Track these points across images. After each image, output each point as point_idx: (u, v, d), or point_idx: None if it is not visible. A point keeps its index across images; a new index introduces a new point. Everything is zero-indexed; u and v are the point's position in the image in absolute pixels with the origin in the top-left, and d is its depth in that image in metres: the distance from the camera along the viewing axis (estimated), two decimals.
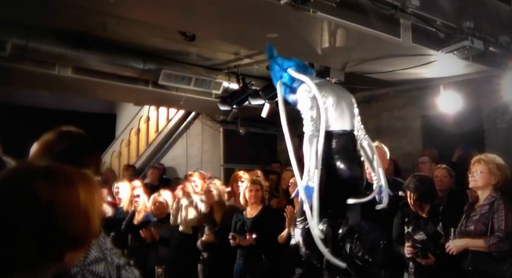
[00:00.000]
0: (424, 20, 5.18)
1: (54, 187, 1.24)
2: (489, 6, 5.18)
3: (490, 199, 3.95)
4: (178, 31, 5.43)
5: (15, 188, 1.22)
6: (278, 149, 10.31)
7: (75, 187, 1.28)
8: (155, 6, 4.37)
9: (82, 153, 2.04)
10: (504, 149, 6.33)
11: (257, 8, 4.36)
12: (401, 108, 8.03)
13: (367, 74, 6.36)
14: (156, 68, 6.85)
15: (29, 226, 1.19)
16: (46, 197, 1.21)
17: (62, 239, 1.24)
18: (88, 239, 1.33)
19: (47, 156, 1.95)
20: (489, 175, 3.94)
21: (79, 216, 1.26)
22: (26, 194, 1.21)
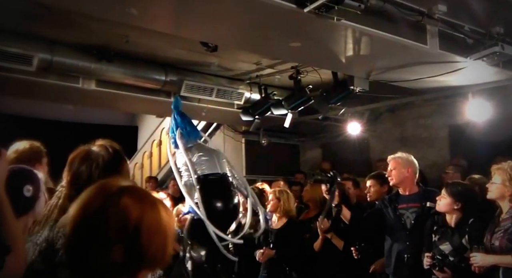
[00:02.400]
0: (451, 26, 5.06)
1: (140, 206, 1.36)
2: None
3: (511, 212, 3.77)
4: (200, 42, 5.37)
5: (106, 204, 1.34)
6: (301, 159, 10.22)
7: (157, 208, 1.39)
8: (178, 17, 4.35)
9: (121, 162, 2.27)
10: None
11: (280, 17, 4.29)
12: (428, 117, 7.86)
13: (392, 83, 6.22)
14: (178, 80, 6.83)
15: (120, 239, 1.31)
16: (135, 215, 1.33)
17: (143, 256, 1.34)
18: (164, 260, 1.40)
19: (94, 166, 2.17)
20: (503, 186, 3.74)
21: (160, 236, 1.37)
22: (117, 211, 1.33)
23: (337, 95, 6.38)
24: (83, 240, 1.34)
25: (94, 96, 6.80)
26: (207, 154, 4.61)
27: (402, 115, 8.25)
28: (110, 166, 2.20)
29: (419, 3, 4.75)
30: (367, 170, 7.38)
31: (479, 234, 3.91)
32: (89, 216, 1.34)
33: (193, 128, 4.95)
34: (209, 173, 4.48)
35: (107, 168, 2.20)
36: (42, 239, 2.17)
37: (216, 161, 4.60)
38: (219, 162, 4.63)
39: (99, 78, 6.46)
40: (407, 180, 4.51)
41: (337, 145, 9.05)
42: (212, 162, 4.57)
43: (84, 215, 1.36)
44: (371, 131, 8.64)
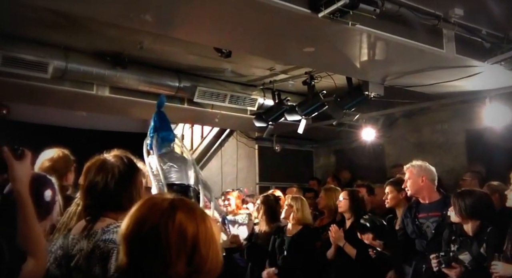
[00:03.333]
0: (468, 30, 4.98)
1: (194, 219, 1.42)
2: None
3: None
4: (214, 48, 5.36)
5: (163, 221, 1.39)
6: (315, 165, 10.14)
7: (207, 219, 1.46)
8: (192, 23, 4.33)
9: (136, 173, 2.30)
10: None
11: (294, 22, 4.25)
12: (444, 122, 7.75)
13: (407, 88, 6.14)
14: (191, 86, 6.82)
15: (181, 253, 1.37)
16: (191, 228, 1.40)
17: (203, 267, 1.40)
18: (219, 268, 1.45)
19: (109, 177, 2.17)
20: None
21: (214, 246, 1.44)
22: (175, 226, 1.39)
23: (351, 101, 6.32)
24: (144, 256, 1.38)
25: (108, 103, 6.81)
26: (177, 164, 4.86)
27: (418, 121, 8.14)
28: (125, 177, 2.22)
29: (435, 7, 4.69)
30: (382, 176, 7.30)
31: (498, 243, 3.79)
32: (146, 233, 1.39)
33: (168, 133, 5.18)
34: (176, 182, 4.73)
35: (122, 179, 2.21)
36: (57, 246, 2.19)
37: (184, 171, 4.87)
38: (187, 172, 4.89)
39: (113, 85, 6.47)
40: (424, 188, 4.41)
41: (351, 151, 8.96)
42: (181, 172, 4.84)
43: (140, 231, 1.40)
44: (386, 137, 8.55)
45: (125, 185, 2.20)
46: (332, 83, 6.71)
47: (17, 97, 6.60)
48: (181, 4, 3.98)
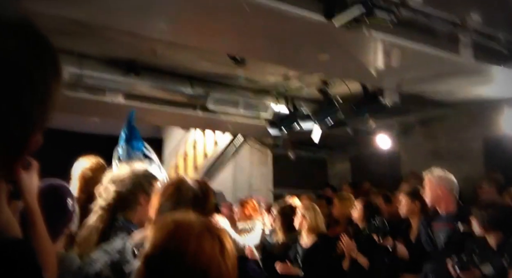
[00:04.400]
0: (486, 36, 4.89)
1: (213, 245, 1.39)
2: None
3: None
4: (227, 55, 5.33)
5: (184, 244, 1.37)
6: (329, 173, 10.05)
7: (229, 242, 1.44)
8: (207, 32, 4.31)
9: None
10: None
11: (309, 30, 4.21)
12: (461, 129, 7.61)
13: (424, 95, 6.05)
14: (204, 92, 6.79)
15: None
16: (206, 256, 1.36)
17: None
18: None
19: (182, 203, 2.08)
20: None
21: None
22: (195, 252, 1.36)
23: (367, 109, 6.24)
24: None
25: (122, 109, 6.80)
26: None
27: (434, 128, 8.01)
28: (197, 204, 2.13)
29: (452, 14, 4.62)
30: (398, 184, 7.18)
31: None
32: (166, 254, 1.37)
33: (135, 149, 5.20)
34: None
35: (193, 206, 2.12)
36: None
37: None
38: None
39: (126, 91, 6.47)
40: (442, 198, 4.29)
41: (367, 158, 8.86)
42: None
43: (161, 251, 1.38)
44: (401, 144, 8.44)
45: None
46: (346, 89, 6.64)
47: None
48: (195, 12, 3.96)
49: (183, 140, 11.13)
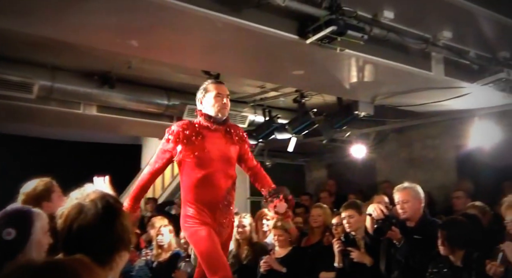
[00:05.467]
0: (457, 52, 4.99)
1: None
2: None
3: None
4: (202, 70, 5.33)
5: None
6: (307, 179, 10.09)
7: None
8: (179, 48, 4.30)
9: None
10: None
11: (283, 47, 4.24)
12: (435, 137, 7.73)
13: (398, 107, 6.14)
14: (180, 104, 6.76)
15: None
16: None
17: None
18: None
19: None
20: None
21: None
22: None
23: (341, 120, 6.32)
24: None
25: (96, 121, 6.76)
26: None
27: (409, 136, 8.12)
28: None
29: (423, 30, 4.70)
30: (374, 191, 7.27)
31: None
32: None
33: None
34: None
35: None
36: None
37: None
38: None
39: (100, 103, 6.42)
40: (418, 212, 4.33)
41: (343, 165, 8.93)
42: None
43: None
44: (377, 152, 8.54)
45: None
46: (322, 100, 6.69)
47: (2, 116, 6.53)
48: (167, 30, 3.95)
49: None
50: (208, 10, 3.62)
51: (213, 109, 3.51)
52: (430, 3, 4.31)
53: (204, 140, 3.44)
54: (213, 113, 3.49)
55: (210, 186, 3.44)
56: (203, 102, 3.58)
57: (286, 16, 3.99)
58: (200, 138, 3.43)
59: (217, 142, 3.51)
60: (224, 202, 3.50)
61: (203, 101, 3.58)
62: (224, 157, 3.52)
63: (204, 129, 3.49)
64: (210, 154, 3.43)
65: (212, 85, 3.57)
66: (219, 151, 3.48)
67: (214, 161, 3.44)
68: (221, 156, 3.50)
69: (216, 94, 3.50)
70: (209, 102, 3.53)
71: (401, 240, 4.08)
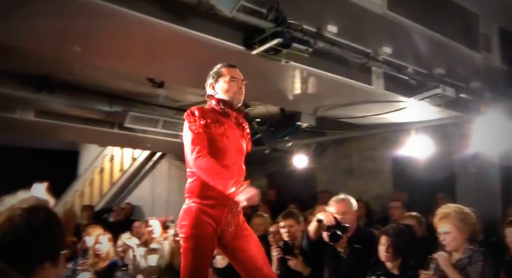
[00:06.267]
0: (396, 68, 5.17)
1: None
2: (460, 53, 5.19)
3: (468, 252, 3.79)
4: (146, 78, 5.25)
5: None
6: None
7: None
8: (122, 56, 4.22)
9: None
10: (475, 193, 6.33)
11: (228, 58, 4.22)
12: (373, 149, 7.96)
13: (339, 119, 6.30)
14: (122, 111, 6.64)
15: None
16: None
17: None
18: None
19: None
20: (458, 234, 3.66)
21: None
22: None
23: (284, 130, 6.41)
24: None
25: (33, 126, 6.51)
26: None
27: (348, 147, 8.32)
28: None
29: (365, 45, 4.85)
30: (313, 201, 7.40)
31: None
32: None
33: None
34: None
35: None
36: None
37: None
38: None
39: (39, 108, 6.20)
40: (354, 223, 4.46)
41: (284, 175, 9.02)
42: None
43: None
44: (317, 162, 8.69)
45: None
46: (265, 110, 6.76)
47: None
48: (110, 37, 3.88)
49: (100, 153, 10.79)
50: (153, 18, 3.58)
51: (228, 94, 3.15)
52: (371, 19, 4.45)
53: (221, 126, 3.03)
54: (227, 99, 3.13)
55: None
56: (216, 88, 3.20)
57: (233, 27, 4.01)
58: (217, 124, 3.03)
59: (232, 132, 3.10)
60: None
61: (216, 86, 3.20)
62: (238, 148, 3.12)
63: (218, 116, 3.08)
64: (225, 142, 3.02)
65: (225, 69, 3.24)
66: (234, 141, 3.09)
67: (229, 151, 3.03)
68: (236, 146, 3.10)
69: (231, 78, 3.18)
70: (223, 87, 3.17)
71: (346, 249, 4.18)
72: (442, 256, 3.65)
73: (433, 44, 4.96)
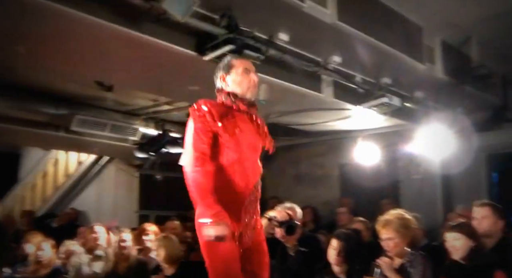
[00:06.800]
0: (345, 76, 5.29)
1: None
2: (405, 64, 5.37)
3: (409, 256, 3.92)
4: (94, 81, 5.13)
5: None
6: None
7: None
8: (70, 58, 4.12)
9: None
10: (417, 199, 6.55)
11: (180, 63, 4.23)
12: (321, 156, 8.10)
13: (289, 126, 6.37)
14: (68, 114, 6.42)
15: None
16: None
17: None
18: None
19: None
20: (398, 240, 3.78)
21: None
22: None
23: None
24: None
25: None
26: None
27: (296, 154, 8.43)
28: None
29: (315, 54, 4.94)
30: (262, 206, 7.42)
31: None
32: None
33: None
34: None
35: None
36: None
37: None
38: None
39: None
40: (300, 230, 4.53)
41: None
42: None
43: None
44: (266, 168, 8.72)
45: None
46: None
47: None
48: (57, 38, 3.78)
49: (44, 157, 10.42)
50: (103, 20, 3.51)
51: (241, 87, 2.94)
52: (321, 29, 4.53)
53: (233, 120, 2.83)
54: (239, 92, 2.92)
55: (237, 177, 2.81)
56: (227, 80, 2.98)
57: (185, 32, 3.99)
58: (230, 118, 2.82)
59: (246, 126, 2.88)
60: (251, 197, 2.87)
61: (227, 78, 2.98)
62: (253, 144, 2.91)
63: (230, 110, 2.88)
64: (239, 138, 2.80)
65: (237, 60, 3.02)
66: (248, 137, 2.88)
67: (243, 147, 2.82)
68: (250, 142, 2.89)
69: (244, 70, 2.95)
70: (235, 79, 2.95)
71: (295, 247, 4.33)
72: (385, 262, 3.77)
73: (380, 55, 5.11)
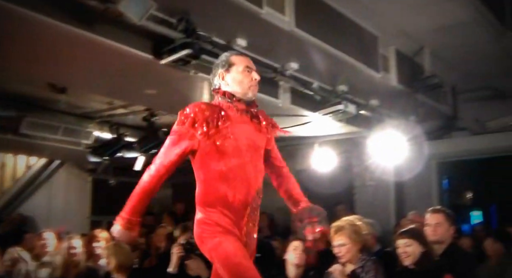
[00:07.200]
0: (302, 83, 5.33)
1: None
2: (360, 72, 5.47)
3: (361, 262, 3.97)
4: (47, 82, 4.97)
5: None
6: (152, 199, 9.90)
7: None
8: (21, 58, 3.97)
9: None
10: (372, 205, 6.66)
11: (136, 66, 4.16)
12: None
13: None
14: (17, 115, 6.19)
15: None
16: None
17: None
18: None
19: None
20: (351, 245, 3.84)
21: None
22: None
23: None
24: None
25: None
26: None
27: None
28: None
29: (273, 60, 4.95)
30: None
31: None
32: None
33: None
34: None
35: None
36: None
37: None
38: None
39: None
40: None
41: (189, 185, 8.86)
42: None
43: None
44: None
45: None
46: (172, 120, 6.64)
47: None
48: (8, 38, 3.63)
49: None
50: (57, 21, 3.40)
51: (242, 86, 2.77)
52: (279, 35, 4.55)
53: (229, 124, 2.69)
54: (240, 91, 2.76)
55: (238, 182, 2.69)
56: (226, 78, 2.78)
57: (142, 35, 3.92)
58: (224, 121, 2.67)
59: (244, 128, 2.76)
60: (253, 205, 2.76)
61: (226, 76, 2.78)
62: (253, 146, 2.78)
63: (228, 112, 2.72)
64: (237, 141, 2.69)
65: (237, 57, 2.82)
66: (247, 139, 2.75)
67: (242, 151, 2.71)
68: (249, 144, 2.76)
69: (245, 68, 2.77)
70: (236, 78, 2.76)
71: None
72: (337, 269, 3.81)
73: (336, 62, 5.18)
